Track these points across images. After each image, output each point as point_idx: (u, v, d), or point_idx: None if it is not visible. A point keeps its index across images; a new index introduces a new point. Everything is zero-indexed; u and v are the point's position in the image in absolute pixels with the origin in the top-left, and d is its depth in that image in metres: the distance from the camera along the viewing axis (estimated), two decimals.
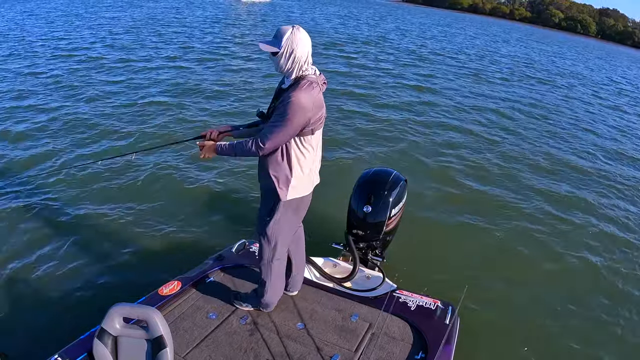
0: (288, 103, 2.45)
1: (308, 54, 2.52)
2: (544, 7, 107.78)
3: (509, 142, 9.37)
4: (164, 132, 7.53)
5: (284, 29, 2.46)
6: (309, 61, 2.54)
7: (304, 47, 2.47)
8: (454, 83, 15.10)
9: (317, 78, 2.57)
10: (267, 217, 2.81)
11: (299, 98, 2.45)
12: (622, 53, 58.71)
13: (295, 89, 2.49)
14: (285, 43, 2.44)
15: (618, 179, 8.27)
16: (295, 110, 2.45)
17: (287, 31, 2.45)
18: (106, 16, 20.91)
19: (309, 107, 2.49)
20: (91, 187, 5.52)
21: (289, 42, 2.44)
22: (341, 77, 13.47)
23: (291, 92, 2.47)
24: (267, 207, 2.83)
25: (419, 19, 50.39)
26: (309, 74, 2.54)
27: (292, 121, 2.47)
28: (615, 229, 6.23)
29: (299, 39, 2.45)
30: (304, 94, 2.47)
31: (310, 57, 2.54)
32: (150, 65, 12.38)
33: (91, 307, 3.51)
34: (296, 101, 2.45)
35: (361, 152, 7.66)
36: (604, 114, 14.19)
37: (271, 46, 2.47)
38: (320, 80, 2.58)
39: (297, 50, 2.45)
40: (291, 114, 2.45)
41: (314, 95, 2.51)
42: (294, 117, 2.46)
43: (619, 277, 5.13)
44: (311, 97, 2.49)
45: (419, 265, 4.50)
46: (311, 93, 2.50)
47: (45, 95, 8.93)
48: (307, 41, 2.49)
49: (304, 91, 2.47)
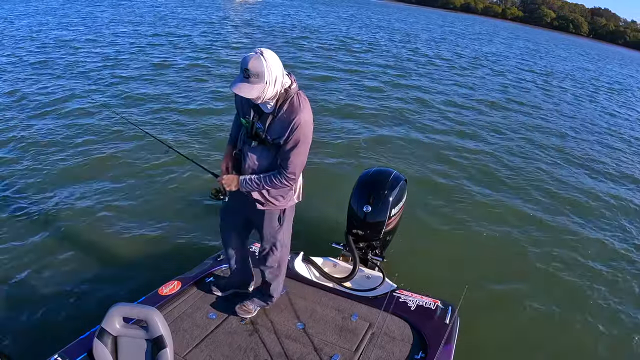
0: (298, 128, 2.38)
1: (282, 67, 2.36)
2: (536, 7, 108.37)
3: (510, 143, 9.42)
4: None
5: (255, 61, 2.23)
6: (284, 72, 2.39)
7: (279, 65, 2.32)
8: (454, 83, 15.13)
9: (295, 82, 2.45)
10: (275, 226, 2.79)
11: (305, 119, 2.39)
12: None
13: (294, 110, 2.39)
14: (267, 75, 2.25)
15: (619, 179, 8.36)
16: (307, 132, 2.43)
17: (260, 61, 2.23)
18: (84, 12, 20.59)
19: (311, 119, 2.46)
20: (90, 187, 5.47)
21: (269, 71, 2.26)
22: (338, 77, 13.44)
23: (294, 117, 2.37)
24: (271, 221, 2.77)
25: (415, 17, 50.46)
26: (288, 84, 2.41)
27: (308, 143, 2.47)
28: (616, 229, 6.29)
29: (272, 60, 2.27)
30: (306, 111, 2.41)
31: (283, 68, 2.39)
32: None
33: (91, 307, 3.51)
34: (305, 124, 2.39)
35: (361, 152, 7.67)
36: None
37: (257, 86, 2.27)
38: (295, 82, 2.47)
39: (277, 72, 2.30)
40: (306, 136, 2.43)
41: (309, 105, 2.46)
42: (309, 139, 2.46)
43: (620, 276, 5.18)
44: (310, 109, 2.45)
45: (419, 265, 4.51)
46: (308, 105, 2.45)
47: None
48: (276, 57, 2.32)
49: (304, 108, 2.40)
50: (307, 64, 14.49)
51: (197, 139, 7.28)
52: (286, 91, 2.39)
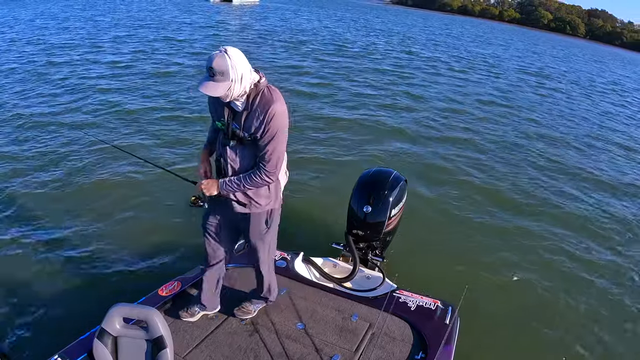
0: (273, 119, 2.35)
1: (248, 64, 2.33)
2: (532, 8, 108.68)
3: (510, 144, 9.43)
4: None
5: (219, 59, 2.20)
6: (251, 69, 2.36)
7: (244, 62, 2.28)
8: (453, 84, 15.18)
9: (263, 77, 2.42)
10: (263, 230, 2.75)
11: (279, 109, 2.36)
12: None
13: (266, 102, 2.36)
14: (232, 73, 2.22)
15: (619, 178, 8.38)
16: (283, 122, 2.39)
17: (224, 59, 2.20)
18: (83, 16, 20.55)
19: (286, 110, 2.43)
20: (90, 187, 5.47)
21: (234, 69, 2.23)
22: (335, 77, 13.46)
23: (267, 108, 2.34)
24: (259, 224, 2.73)
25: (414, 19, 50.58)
26: (257, 79, 2.39)
27: (285, 134, 2.43)
28: (615, 229, 6.30)
29: (237, 58, 2.24)
30: (279, 102, 2.37)
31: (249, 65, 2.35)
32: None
33: (91, 307, 3.46)
34: (279, 114, 2.36)
35: (361, 152, 7.67)
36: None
37: (223, 84, 2.24)
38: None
39: (243, 69, 2.26)
40: (282, 126, 2.40)
41: (281, 96, 2.43)
42: (285, 129, 2.42)
43: (620, 276, 5.19)
44: (283, 100, 2.42)
45: (419, 265, 4.51)
46: (280, 95, 2.42)
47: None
48: (241, 54, 2.29)
49: (277, 99, 2.37)
50: (306, 64, 14.50)
51: (173, 149, 6.99)
52: (256, 86, 2.37)
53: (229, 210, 2.68)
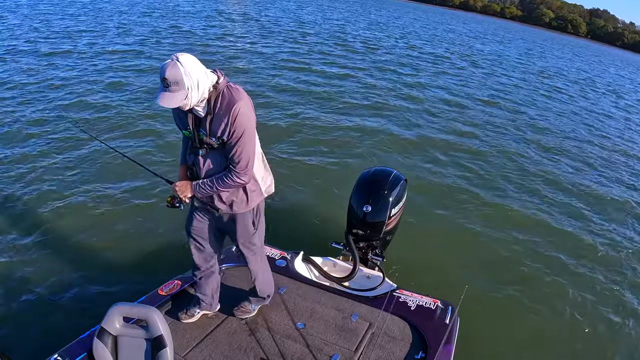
0: (238, 117, 2.30)
1: (203, 67, 2.27)
2: (534, 6, 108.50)
3: (510, 145, 9.42)
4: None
5: (171, 69, 2.13)
6: (208, 71, 2.29)
7: (198, 67, 2.22)
8: (453, 84, 15.13)
9: (222, 76, 2.36)
10: (251, 231, 2.75)
11: (242, 106, 2.31)
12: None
13: (229, 103, 2.31)
14: (187, 81, 2.15)
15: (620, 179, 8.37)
16: (248, 120, 2.35)
17: (176, 68, 2.13)
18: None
19: (251, 107, 2.40)
20: (89, 187, 5.45)
21: (188, 76, 2.16)
22: (334, 76, 13.44)
23: (231, 108, 2.29)
24: (246, 225, 2.73)
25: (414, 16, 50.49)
26: (214, 80, 2.32)
27: (252, 131, 2.40)
28: (615, 229, 6.31)
29: (190, 65, 2.17)
30: (242, 100, 2.33)
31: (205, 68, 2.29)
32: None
33: (91, 307, 3.51)
34: (244, 111, 2.31)
35: (361, 151, 7.66)
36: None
37: (179, 94, 2.17)
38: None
39: (198, 74, 2.20)
40: (249, 123, 2.35)
41: (244, 92, 2.40)
42: (252, 125, 2.39)
43: (624, 274, 5.20)
44: (246, 97, 2.38)
45: (419, 265, 4.50)
46: (242, 92, 2.38)
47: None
48: (194, 59, 2.22)
49: (239, 97, 2.32)
50: (306, 62, 14.46)
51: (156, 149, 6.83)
52: (215, 88, 2.31)
53: (214, 214, 2.68)
